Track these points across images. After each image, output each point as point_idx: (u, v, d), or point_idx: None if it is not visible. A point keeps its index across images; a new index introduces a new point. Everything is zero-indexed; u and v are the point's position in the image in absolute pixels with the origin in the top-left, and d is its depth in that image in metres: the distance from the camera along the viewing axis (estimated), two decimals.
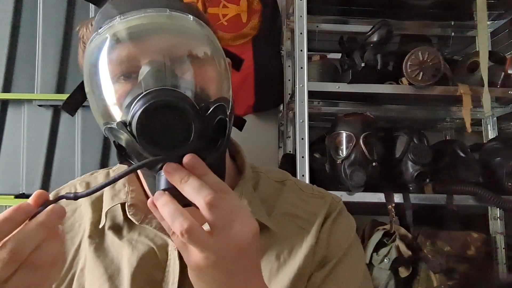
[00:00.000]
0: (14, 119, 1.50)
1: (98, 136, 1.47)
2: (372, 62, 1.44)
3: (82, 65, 0.58)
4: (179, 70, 0.47)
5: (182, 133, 0.42)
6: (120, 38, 0.49)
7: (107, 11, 0.53)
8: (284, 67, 1.84)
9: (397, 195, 1.34)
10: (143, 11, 0.49)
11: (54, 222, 0.40)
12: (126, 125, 0.44)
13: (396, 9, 1.71)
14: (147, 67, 0.47)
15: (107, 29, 0.49)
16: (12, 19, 1.50)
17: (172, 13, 0.50)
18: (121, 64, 0.49)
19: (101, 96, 0.49)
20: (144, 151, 0.43)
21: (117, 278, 0.57)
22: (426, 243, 1.36)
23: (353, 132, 1.35)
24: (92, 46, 0.50)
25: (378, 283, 1.32)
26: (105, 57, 0.49)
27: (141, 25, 0.49)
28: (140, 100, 0.43)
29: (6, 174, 1.47)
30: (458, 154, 1.43)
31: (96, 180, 0.69)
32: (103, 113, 0.49)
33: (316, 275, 0.60)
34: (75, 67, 1.49)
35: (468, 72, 1.52)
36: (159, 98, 0.42)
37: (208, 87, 0.49)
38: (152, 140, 0.42)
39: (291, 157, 1.52)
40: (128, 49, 0.49)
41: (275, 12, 1.85)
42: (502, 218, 1.65)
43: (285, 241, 0.61)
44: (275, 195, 0.66)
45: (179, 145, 0.43)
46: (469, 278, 1.34)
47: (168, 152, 0.42)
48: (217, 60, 0.52)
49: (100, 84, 0.49)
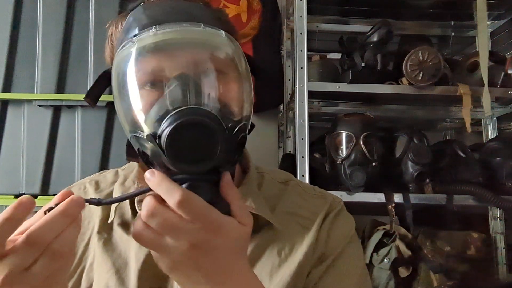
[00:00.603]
0: (14, 119, 1.50)
1: (98, 136, 1.47)
2: (372, 62, 1.44)
3: (108, 61, 0.61)
4: (208, 87, 0.49)
5: (208, 150, 0.44)
6: (154, 50, 0.50)
7: (140, 17, 0.54)
8: (284, 67, 1.84)
9: (397, 195, 1.34)
10: (179, 25, 0.51)
11: (75, 211, 0.42)
12: (155, 137, 0.45)
13: (396, 9, 1.71)
14: (177, 81, 0.48)
15: (142, 39, 0.50)
16: (12, 19, 1.49)
17: (206, 28, 0.51)
18: (151, 74, 0.50)
19: (130, 104, 0.50)
20: (170, 164, 0.44)
21: (124, 271, 0.58)
22: (426, 243, 1.37)
23: (353, 132, 1.35)
24: (125, 53, 0.51)
25: (378, 283, 1.32)
26: (137, 66, 0.51)
27: (175, 39, 0.50)
28: (172, 116, 0.45)
29: (6, 174, 1.47)
30: (458, 154, 1.43)
31: (105, 179, 0.70)
32: (131, 121, 0.50)
33: (314, 271, 0.61)
34: (75, 67, 1.49)
35: (468, 72, 1.52)
36: (190, 117, 0.44)
37: (234, 106, 0.51)
38: (179, 154, 0.44)
39: (291, 157, 1.52)
40: (160, 61, 0.50)
41: (275, 12, 1.85)
42: (502, 218, 1.65)
43: (287, 238, 0.62)
44: (278, 195, 0.68)
45: (203, 161, 0.44)
46: (469, 278, 1.34)
47: (192, 167, 0.44)
48: (244, 78, 0.54)
49: (130, 92, 0.51)
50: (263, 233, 0.62)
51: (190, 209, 0.41)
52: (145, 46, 0.50)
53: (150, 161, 0.49)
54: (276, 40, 1.87)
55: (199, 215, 0.42)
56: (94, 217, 0.64)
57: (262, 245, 0.61)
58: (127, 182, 0.66)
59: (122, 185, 0.66)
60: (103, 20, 1.49)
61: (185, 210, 0.41)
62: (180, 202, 0.41)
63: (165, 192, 0.42)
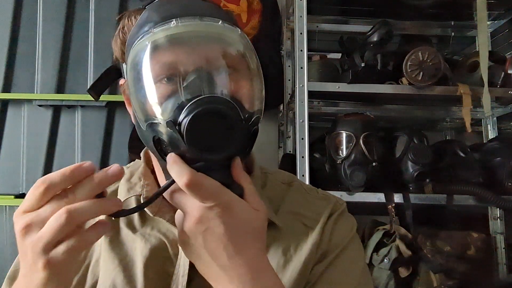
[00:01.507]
0: (14, 119, 1.50)
1: (98, 136, 1.47)
2: (372, 62, 1.44)
3: (118, 54, 0.62)
4: (226, 80, 0.50)
5: (225, 139, 0.46)
6: (175, 42, 0.51)
7: (159, 10, 0.54)
8: (284, 67, 1.84)
9: (397, 195, 1.34)
10: (200, 19, 0.52)
11: (111, 209, 0.45)
12: (176, 124, 0.46)
13: (396, 9, 1.71)
14: (197, 73, 0.49)
15: (163, 30, 0.51)
16: (12, 19, 1.49)
17: (225, 24, 0.53)
18: (172, 65, 0.51)
19: (148, 92, 0.51)
20: (188, 150, 0.46)
21: (132, 269, 0.59)
22: (426, 243, 1.36)
23: (353, 132, 1.35)
24: (145, 43, 0.52)
25: (378, 283, 1.32)
26: (158, 56, 0.51)
27: (197, 32, 0.52)
28: (193, 104, 0.46)
29: (6, 174, 1.47)
30: (458, 154, 1.43)
31: None
32: (148, 109, 0.51)
33: (316, 267, 0.62)
34: (75, 67, 1.49)
35: (468, 72, 1.52)
36: (211, 105, 0.46)
37: (249, 99, 0.53)
38: (198, 141, 0.46)
39: (291, 157, 1.52)
40: (181, 52, 0.51)
41: (275, 12, 1.85)
42: (502, 218, 1.65)
43: (291, 237, 0.63)
44: (281, 195, 0.69)
45: (221, 149, 0.46)
46: (469, 278, 1.34)
47: (209, 154, 0.46)
48: (257, 75, 0.56)
49: (148, 81, 0.51)
50: (267, 232, 0.62)
51: (199, 190, 0.44)
52: (167, 36, 0.51)
53: (164, 150, 0.50)
54: (276, 40, 1.87)
55: (208, 195, 0.44)
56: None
57: (267, 245, 0.61)
58: (133, 178, 0.66)
59: (128, 181, 0.66)
60: (103, 20, 1.49)
61: (193, 191, 0.44)
62: (188, 184, 0.43)
63: (175, 174, 0.45)
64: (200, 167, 0.46)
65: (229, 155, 0.47)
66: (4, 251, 1.44)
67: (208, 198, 0.44)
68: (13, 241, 1.45)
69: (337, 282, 0.62)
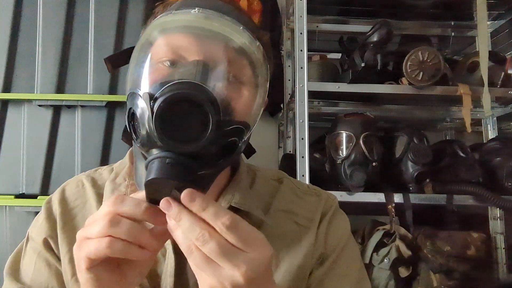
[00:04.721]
0: (14, 119, 1.50)
1: (98, 136, 1.47)
2: (372, 62, 1.44)
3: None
4: (224, 81, 0.48)
5: (197, 131, 0.42)
6: (189, 27, 0.51)
7: (190, 1, 0.55)
8: (284, 67, 1.84)
9: (397, 195, 1.34)
10: (222, 16, 0.51)
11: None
12: (151, 98, 0.43)
13: (396, 9, 1.71)
14: (195, 64, 0.48)
15: (182, 13, 0.51)
16: (12, 19, 1.49)
17: (245, 31, 0.52)
18: (175, 49, 0.51)
19: (143, 62, 0.51)
20: (155, 132, 0.42)
21: None
22: (426, 243, 1.36)
23: (353, 132, 1.35)
24: (162, 20, 0.52)
25: (378, 283, 1.32)
26: (167, 35, 0.52)
27: (214, 26, 0.51)
28: (176, 84, 0.43)
29: (6, 174, 1.47)
30: (458, 154, 1.43)
31: (101, 177, 0.70)
32: (137, 77, 0.50)
33: (316, 272, 0.62)
34: (75, 67, 1.49)
35: (468, 72, 1.52)
36: (192, 91, 0.42)
37: (239, 108, 0.50)
38: (168, 126, 0.42)
39: (291, 157, 1.52)
40: (189, 40, 0.51)
41: (275, 12, 1.85)
42: (502, 218, 1.65)
43: (283, 237, 0.62)
44: (271, 193, 0.68)
45: (190, 142, 0.42)
46: (469, 278, 1.34)
47: (175, 142, 0.42)
48: (259, 92, 0.54)
49: (149, 54, 0.51)
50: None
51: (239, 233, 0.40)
52: (183, 20, 0.51)
53: (135, 126, 0.47)
54: (276, 40, 1.87)
55: (247, 240, 0.41)
56: (92, 213, 0.64)
57: None
58: (118, 179, 0.65)
59: (113, 181, 0.65)
60: (103, 20, 1.49)
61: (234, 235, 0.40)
62: (230, 226, 0.40)
63: (212, 216, 0.40)
64: (159, 157, 0.42)
65: (197, 150, 0.43)
66: (4, 251, 1.44)
67: (248, 245, 0.41)
68: (13, 241, 1.45)
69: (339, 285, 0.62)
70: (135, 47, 0.54)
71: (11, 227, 1.46)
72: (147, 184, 0.42)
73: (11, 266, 0.64)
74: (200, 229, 0.40)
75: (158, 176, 0.41)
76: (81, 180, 0.69)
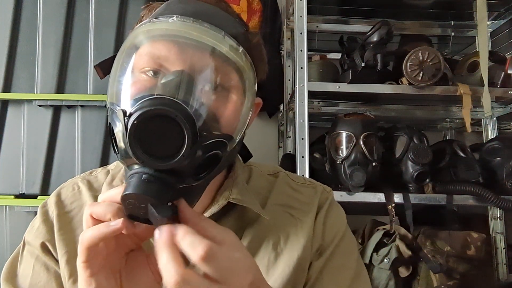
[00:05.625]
0: (14, 119, 1.50)
1: (98, 136, 1.47)
2: (372, 62, 1.44)
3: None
4: (202, 93, 0.47)
5: (172, 147, 0.42)
6: (167, 36, 0.50)
7: (171, 7, 0.54)
8: (284, 67, 1.84)
9: (397, 195, 1.34)
10: (200, 23, 0.49)
11: None
12: (125, 115, 0.43)
13: (396, 9, 1.71)
14: (174, 75, 0.47)
15: (160, 22, 0.51)
16: (12, 19, 1.49)
17: (225, 37, 0.50)
18: (155, 59, 0.50)
19: (123, 76, 0.50)
20: (129, 148, 0.42)
21: None
22: (426, 243, 1.37)
23: (353, 132, 1.35)
24: (141, 30, 0.52)
25: (378, 283, 1.32)
26: (144, 45, 0.51)
27: (191, 34, 0.49)
28: (150, 100, 0.42)
29: (6, 174, 1.47)
30: (458, 154, 1.43)
31: (97, 179, 0.69)
32: (115, 92, 0.49)
33: (315, 263, 0.63)
34: (75, 67, 1.49)
35: (468, 72, 1.52)
36: (166, 108, 0.41)
37: (220, 119, 0.49)
38: (142, 142, 0.41)
39: (291, 157, 1.52)
40: (168, 49, 0.50)
41: (275, 12, 1.85)
42: (502, 218, 1.65)
43: (280, 231, 0.63)
44: (268, 187, 0.68)
45: (164, 158, 0.42)
46: (469, 278, 1.34)
47: (148, 158, 0.42)
48: (244, 100, 0.53)
49: (128, 66, 0.50)
50: (256, 226, 0.62)
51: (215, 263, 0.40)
52: (160, 29, 0.50)
53: (116, 140, 0.46)
54: (276, 40, 1.87)
55: (224, 271, 0.40)
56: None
57: (257, 239, 0.62)
58: (115, 181, 0.65)
59: (110, 184, 0.65)
60: (103, 20, 1.49)
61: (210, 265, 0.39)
62: (205, 257, 0.39)
63: (188, 247, 0.40)
64: (136, 172, 0.42)
65: (174, 167, 0.42)
66: (4, 251, 1.44)
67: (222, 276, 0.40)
68: (13, 241, 1.45)
69: (337, 276, 0.63)
70: (118, 52, 0.53)
71: (11, 227, 1.46)
72: (124, 199, 0.42)
73: (8, 272, 0.64)
74: (176, 268, 0.39)
75: (134, 192, 0.41)
76: (77, 183, 0.69)
